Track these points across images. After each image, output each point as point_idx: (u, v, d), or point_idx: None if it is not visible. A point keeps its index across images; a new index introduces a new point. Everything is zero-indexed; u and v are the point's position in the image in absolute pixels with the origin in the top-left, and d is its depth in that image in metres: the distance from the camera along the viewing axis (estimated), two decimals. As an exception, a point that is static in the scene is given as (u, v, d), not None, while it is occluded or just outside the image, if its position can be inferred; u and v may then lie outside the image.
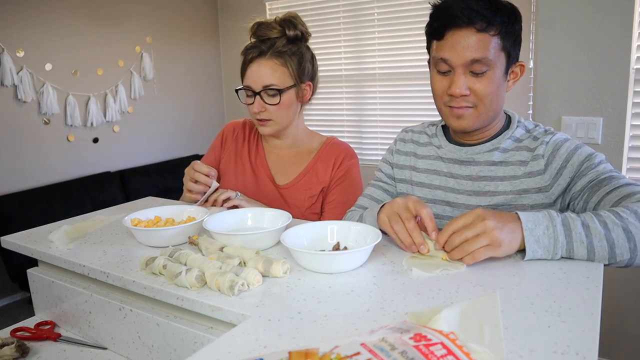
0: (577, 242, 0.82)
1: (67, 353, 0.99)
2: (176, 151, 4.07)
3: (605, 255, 0.81)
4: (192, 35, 4.12)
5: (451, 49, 1.00)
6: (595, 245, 0.81)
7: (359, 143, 3.58)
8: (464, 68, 1.00)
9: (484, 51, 0.98)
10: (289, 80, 1.31)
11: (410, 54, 3.25)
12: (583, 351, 0.58)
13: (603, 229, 0.81)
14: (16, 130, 3.15)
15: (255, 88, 1.30)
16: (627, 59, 2.06)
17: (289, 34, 1.30)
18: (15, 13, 3.08)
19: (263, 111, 1.32)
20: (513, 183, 1.07)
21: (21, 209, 3.04)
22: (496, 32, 0.98)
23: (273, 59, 1.29)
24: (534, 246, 0.82)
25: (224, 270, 0.81)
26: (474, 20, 0.97)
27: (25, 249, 1.08)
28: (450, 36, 1.00)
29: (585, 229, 0.82)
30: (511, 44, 1.01)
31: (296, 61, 1.32)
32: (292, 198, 1.38)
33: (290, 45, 1.31)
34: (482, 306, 0.69)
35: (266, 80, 1.29)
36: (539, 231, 0.82)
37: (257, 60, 1.29)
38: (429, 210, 0.91)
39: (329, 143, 1.44)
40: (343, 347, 0.53)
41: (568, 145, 1.04)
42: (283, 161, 1.44)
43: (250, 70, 1.31)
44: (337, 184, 1.39)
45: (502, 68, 1.02)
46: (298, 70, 1.33)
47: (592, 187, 0.97)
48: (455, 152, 1.14)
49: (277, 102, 1.31)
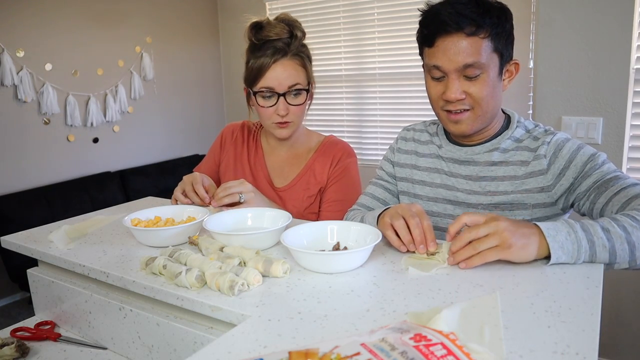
0: (599, 246, 0.81)
1: (67, 353, 0.99)
2: (176, 151, 4.07)
3: (626, 258, 0.81)
4: (192, 35, 4.12)
5: (443, 56, 0.99)
6: (617, 248, 0.80)
7: (359, 143, 3.58)
8: (457, 73, 1.00)
9: (475, 55, 0.97)
10: (306, 80, 1.31)
11: (410, 54, 3.25)
12: (583, 351, 0.58)
13: (623, 232, 0.81)
14: (16, 130, 3.14)
15: (279, 89, 1.27)
16: (627, 59, 2.06)
17: (298, 34, 1.30)
18: (15, 13, 3.08)
19: (287, 113, 1.30)
20: (514, 183, 1.07)
21: (21, 209, 3.04)
22: (486, 34, 0.98)
23: (294, 59, 1.28)
24: (558, 252, 0.80)
25: (224, 270, 0.81)
26: (463, 25, 0.96)
27: (25, 249, 1.08)
28: (440, 43, 0.99)
29: (606, 233, 0.81)
30: (503, 44, 1.01)
31: (309, 62, 1.33)
32: (291, 200, 1.37)
33: (302, 47, 1.31)
34: (482, 306, 0.69)
35: (292, 80, 1.27)
36: (561, 237, 0.81)
37: (281, 60, 1.26)
38: (429, 223, 0.91)
39: (326, 142, 1.43)
40: (343, 347, 0.53)
41: (570, 146, 1.04)
42: (282, 163, 1.43)
43: (273, 71, 1.26)
44: (335, 181, 1.38)
45: (495, 69, 1.01)
46: (310, 71, 1.33)
47: (598, 187, 0.97)
48: (455, 152, 1.14)
49: (302, 102, 1.30)
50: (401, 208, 0.94)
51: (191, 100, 4.16)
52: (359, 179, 1.43)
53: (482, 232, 0.81)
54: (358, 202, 1.27)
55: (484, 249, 0.81)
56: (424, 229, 0.90)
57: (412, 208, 0.94)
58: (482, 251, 0.81)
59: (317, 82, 1.42)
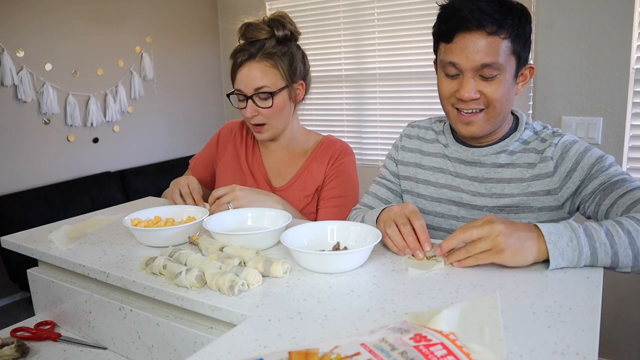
0: (601, 253, 0.79)
1: (67, 353, 0.99)
2: (176, 151, 4.07)
3: (628, 264, 0.80)
4: (192, 35, 4.12)
5: (460, 53, 0.97)
6: (621, 255, 0.79)
7: (359, 143, 3.58)
8: (474, 72, 0.97)
9: (494, 55, 0.95)
10: (281, 81, 1.30)
11: (410, 54, 3.25)
12: (583, 351, 0.58)
13: (627, 237, 0.79)
14: (16, 131, 3.14)
15: (246, 92, 1.29)
16: (627, 59, 2.06)
17: (278, 34, 1.29)
18: (15, 13, 3.08)
19: (256, 115, 1.31)
20: (520, 186, 1.05)
21: (21, 209, 3.04)
22: (507, 35, 0.95)
23: (263, 61, 1.27)
24: (558, 259, 0.79)
25: (224, 270, 0.81)
26: (484, 24, 0.94)
27: (25, 249, 1.08)
28: (459, 39, 0.96)
29: (609, 239, 0.79)
30: (521, 46, 0.98)
31: (287, 62, 1.30)
32: (288, 199, 1.37)
33: (280, 46, 1.29)
34: (482, 306, 0.69)
35: (257, 83, 1.27)
36: (563, 243, 0.79)
37: (247, 63, 1.28)
38: (422, 222, 0.90)
39: (324, 142, 1.43)
40: (343, 347, 0.53)
41: (577, 148, 1.02)
42: (279, 163, 1.43)
43: (240, 74, 1.29)
44: (332, 179, 1.37)
45: (512, 71, 0.99)
46: (289, 71, 1.31)
47: (604, 189, 0.95)
48: (461, 152, 1.13)
49: (269, 105, 1.29)
50: (393, 212, 0.93)
51: (191, 100, 4.16)
52: (356, 177, 1.42)
53: (475, 235, 0.81)
54: (361, 201, 1.26)
55: (476, 253, 0.80)
56: (416, 231, 0.89)
57: (404, 210, 0.92)
58: (474, 255, 0.81)
59: (317, 82, 1.41)
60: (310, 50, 3.60)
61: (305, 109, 3.78)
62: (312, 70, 1.38)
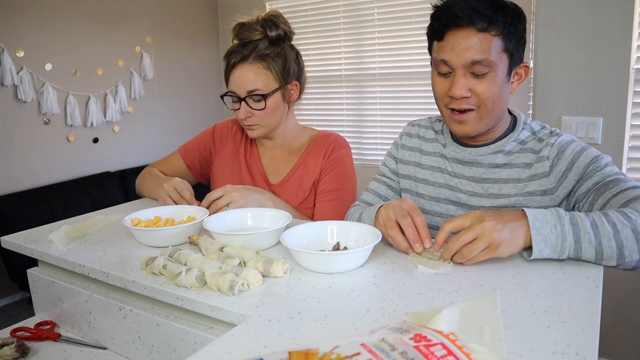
0: (585, 242, 0.80)
1: (67, 353, 0.99)
2: (176, 151, 4.07)
3: (613, 256, 0.80)
4: (192, 35, 4.12)
5: (451, 50, 0.98)
6: (604, 245, 0.79)
7: (359, 143, 3.58)
8: (465, 69, 0.98)
9: (485, 52, 0.96)
10: (274, 83, 1.29)
11: (410, 54, 3.25)
12: (583, 351, 0.58)
13: (612, 229, 0.79)
14: (16, 130, 3.14)
15: (239, 94, 1.29)
16: (627, 59, 2.06)
17: (271, 34, 1.28)
18: (15, 13, 3.08)
19: (249, 117, 1.31)
20: (517, 186, 1.05)
21: (21, 209, 3.04)
22: (498, 32, 0.96)
23: (256, 62, 1.27)
24: (540, 245, 0.80)
25: (224, 270, 0.81)
26: (475, 20, 0.95)
27: (25, 249, 1.08)
28: (450, 36, 0.98)
29: (594, 229, 0.80)
30: (514, 45, 0.99)
31: (280, 63, 1.29)
32: (285, 195, 1.37)
33: (273, 47, 1.29)
34: (482, 306, 0.69)
35: (250, 86, 1.27)
36: (547, 230, 0.80)
37: (240, 65, 1.27)
38: (422, 218, 0.90)
39: (318, 136, 1.43)
40: (343, 347, 0.53)
41: (573, 147, 1.02)
42: (276, 160, 1.43)
43: (233, 76, 1.29)
44: (328, 172, 1.37)
45: (504, 69, 0.99)
46: (282, 72, 1.30)
47: (598, 189, 0.95)
48: (458, 152, 1.13)
49: (262, 107, 1.29)
50: (392, 206, 0.94)
51: (191, 100, 4.16)
52: (353, 169, 1.42)
53: (469, 237, 0.81)
54: (360, 198, 1.26)
55: (474, 254, 0.82)
56: (417, 226, 0.90)
57: (403, 205, 0.93)
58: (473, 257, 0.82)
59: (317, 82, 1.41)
60: (310, 50, 3.60)
61: (306, 109, 3.78)
62: (312, 71, 1.39)
